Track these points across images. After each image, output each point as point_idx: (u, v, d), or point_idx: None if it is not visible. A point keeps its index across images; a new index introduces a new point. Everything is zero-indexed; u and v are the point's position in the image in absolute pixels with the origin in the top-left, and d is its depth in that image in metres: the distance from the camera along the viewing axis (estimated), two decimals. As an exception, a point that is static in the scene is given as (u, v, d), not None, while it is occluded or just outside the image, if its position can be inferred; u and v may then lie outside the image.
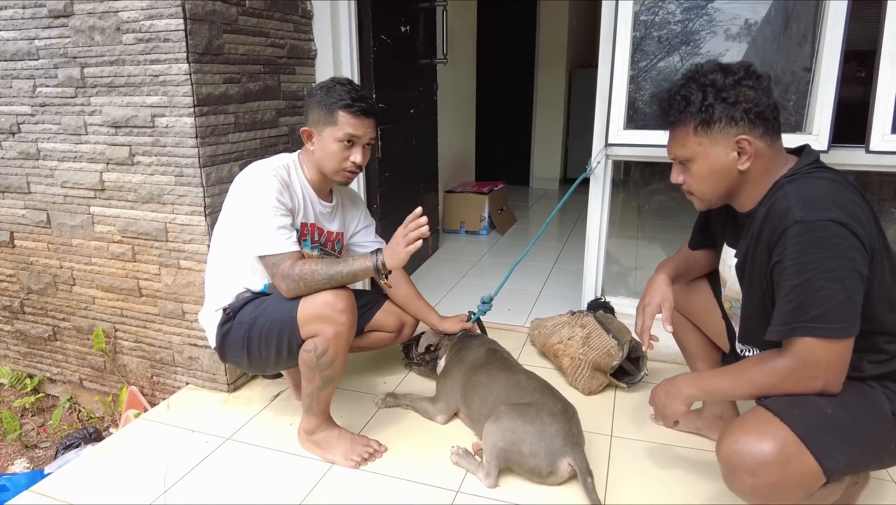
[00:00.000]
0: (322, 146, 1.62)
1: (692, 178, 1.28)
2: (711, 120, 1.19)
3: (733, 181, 1.25)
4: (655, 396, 1.40)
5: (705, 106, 1.19)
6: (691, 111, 1.21)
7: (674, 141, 1.28)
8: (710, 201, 1.31)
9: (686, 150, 1.25)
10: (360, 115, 1.59)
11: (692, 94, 1.20)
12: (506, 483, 1.56)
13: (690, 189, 1.31)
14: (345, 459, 1.64)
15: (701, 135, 1.22)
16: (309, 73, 2.29)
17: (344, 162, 1.63)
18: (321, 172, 1.68)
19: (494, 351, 1.85)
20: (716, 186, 1.26)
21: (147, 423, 1.87)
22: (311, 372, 1.58)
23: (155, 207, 1.90)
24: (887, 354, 1.19)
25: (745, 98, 1.17)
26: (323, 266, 1.51)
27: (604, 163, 2.21)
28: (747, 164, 1.21)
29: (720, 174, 1.24)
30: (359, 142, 1.62)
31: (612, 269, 2.52)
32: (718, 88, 1.18)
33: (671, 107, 1.24)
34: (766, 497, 1.12)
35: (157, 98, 1.78)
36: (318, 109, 1.61)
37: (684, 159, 1.27)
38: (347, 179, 1.69)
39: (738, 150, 1.21)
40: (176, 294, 1.96)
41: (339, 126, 1.59)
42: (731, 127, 1.19)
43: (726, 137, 1.20)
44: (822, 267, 1.08)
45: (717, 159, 1.22)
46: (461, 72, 4.35)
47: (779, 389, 1.16)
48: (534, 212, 4.93)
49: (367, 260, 1.52)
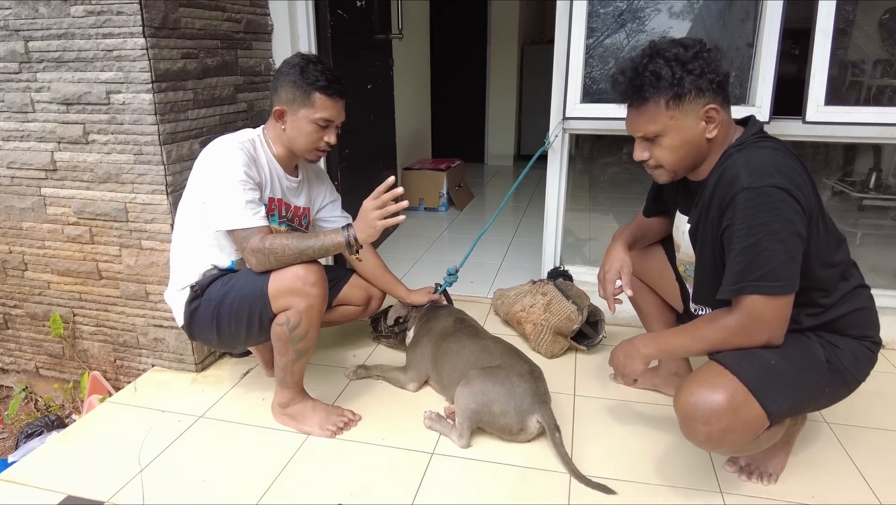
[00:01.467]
0: (296, 126, 1.62)
1: (663, 152, 1.31)
2: (683, 93, 1.23)
3: (701, 150, 1.31)
4: (615, 356, 1.49)
5: (676, 80, 1.23)
6: (663, 86, 1.24)
7: (642, 117, 1.29)
8: (677, 172, 1.36)
9: (657, 124, 1.28)
10: (335, 98, 1.61)
11: (661, 70, 1.23)
12: (478, 443, 1.64)
13: (660, 162, 1.33)
14: (320, 430, 1.68)
15: (673, 108, 1.25)
16: (266, 48, 2.26)
17: (318, 142, 1.64)
18: (290, 150, 1.68)
19: (462, 320, 1.91)
20: (686, 157, 1.31)
21: (115, 406, 1.85)
22: (284, 345, 1.60)
23: (113, 187, 1.85)
24: (822, 308, 1.32)
25: (709, 69, 1.23)
26: (293, 240, 1.53)
27: (561, 136, 2.28)
28: (715, 132, 1.27)
29: (691, 144, 1.29)
30: (332, 123, 1.64)
31: (567, 239, 2.62)
32: (683, 62, 1.23)
33: (643, 84, 1.26)
34: (718, 443, 1.23)
35: (111, 74, 1.73)
36: (291, 89, 1.59)
37: (654, 134, 1.29)
38: (318, 158, 1.71)
39: (706, 119, 1.27)
40: (138, 275, 1.93)
41: (316, 108, 1.59)
42: (699, 98, 1.24)
43: (696, 108, 1.25)
44: (767, 230, 1.18)
45: (689, 130, 1.27)
46: (415, 48, 4.34)
47: (729, 343, 1.27)
48: (490, 188, 5.01)
49: (338, 235, 1.54)
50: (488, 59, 5.68)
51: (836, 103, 1.93)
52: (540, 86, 5.78)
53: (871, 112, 1.94)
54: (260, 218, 1.56)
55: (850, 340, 1.33)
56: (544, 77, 5.95)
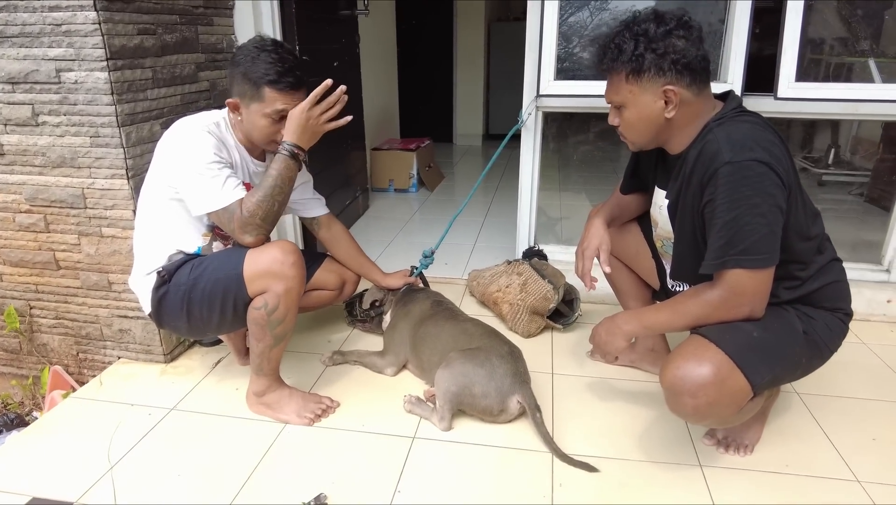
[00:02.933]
0: (250, 120, 1.54)
1: (625, 123, 1.36)
2: (641, 69, 1.25)
3: (661, 128, 1.33)
4: (596, 334, 1.49)
5: (636, 56, 1.25)
6: (623, 60, 1.26)
7: (609, 86, 1.35)
8: (640, 144, 1.40)
9: (619, 96, 1.32)
10: (287, 91, 1.49)
11: (625, 43, 1.26)
12: (459, 425, 1.63)
13: (623, 133, 1.39)
14: (298, 418, 1.64)
15: (632, 83, 1.28)
16: (227, 24, 2.16)
17: (274, 135, 1.55)
18: (252, 142, 1.61)
19: (440, 302, 1.89)
20: (644, 131, 1.35)
21: (79, 401, 1.77)
22: (261, 330, 1.55)
23: (69, 172, 1.75)
24: (799, 281, 1.33)
25: (674, 49, 1.23)
26: (259, 192, 1.48)
27: (534, 114, 2.25)
28: (673, 113, 1.29)
29: (648, 121, 1.32)
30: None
31: (539, 219, 2.61)
32: (650, 39, 1.24)
33: (605, 55, 1.30)
34: (704, 415, 1.24)
35: (61, 50, 1.62)
36: (242, 82, 1.50)
37: (618, 104, 1.34)
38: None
39: (664, 100, 1.28)
40: (100, 264, 1.84)
41: (267, 103, 1.49)
42: (659, 77, 1.26)
43: (654, 86, 1.27)
44: (749, 203, 1.18)
45: (646, 107, 1.30)
46: (381, 24, 4.23)
47: (712, 318, 1.28)
48: (460, 168, 4.97)
49: (280, 158, 1.49)
50: (455, 36, 5.59)
51: (805, 79, 1.96)
52: (507, 64, 5.73)
53: (841, 88, 1.97)
54: (240, 190, 1.49)
55: (825, 311, 1.36)
56: (511, 55, 5.90)
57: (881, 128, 3.66)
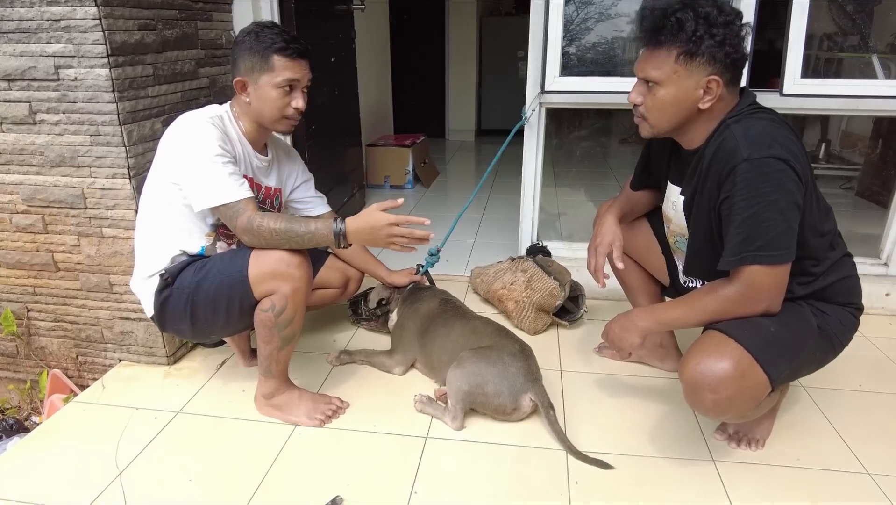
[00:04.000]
0: (260, 95, 1.51)
1: (653, 103, 1.29)
2: (696, 52, 1.21)
3: (690, 116, 1.30)
4: (610, 330, 1.48)
5: (696, 37, 1.20)
6: (681, 38, 1.21)
7: (650, 60, 1.27)
8: (659, 130, 1.35)
9: (660, 72, 1.26)
10: (296, 58, 1.50)
11: (687, 21, 1.21)
12: (471, 424, 1.62)
13: (646, 114, 1.32)
14: (308, 419, 1.62)
15: (681, 63, 1.23)
16: (227, 19, 2.12)
17: (285, 109, 1.53)
18: (259, 123, 1.57)
19: (448, 301, 1.88)
20: (672, 117, 1.30)
21: (82, 405, 1.73)
22: (269, 332, 1.52)
23: (68, 171, 1.70)
24: (812, 276, 1.34)
25: (730, 42, 1.21)
26: (281, 224, 1.44)
27: (538, 111, 2.24)
28: (708, 105, 1.26)
29: (681, 106, 1.28)
30: (298, 85, 1.53)
31: (539, 215, 2.60)
32: (711, 24, 1.20)
33: (663, 26, 1.23)
34: (724, 411, 1.24)
35: (60, 46, 1.58)
36: (249, 57, 1.49)
37: (654, 81, 1.28)
38: (290, 127, 1.59)
39: (705, 89, 1.25)
40: (101, 266, 1.80)
41: (277, 71, 1.49)
42: (708, 65, 1.23)
43: (701, 73, 1.23)
44: (767, 200, 1.18)
45: (686, 92, 1.26)
46: (375, 19, 4.19)
47: (729, 313, 1.28)
48: (453, 164, 4.95)
49: (327, 228, 1.45)
50: (447, 31, 5.56)
51: (811, 76, 1.96)
52: (499, 59, 5.72)
53: (846, 84, 1.98)
54: (246, 189, 1.47)
55: (837, 306, 1.37)
56: (503, 50, 5.87)
57: (872, 122, 3.70)
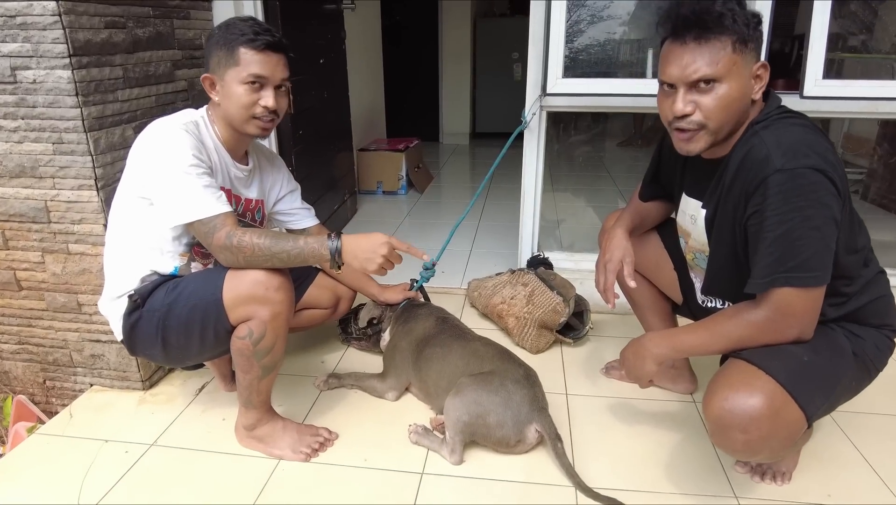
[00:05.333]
0: (226, 92, 1.37)
1: (716, 103, 1.11)
2: (749, 38, 1.10)
3: (744, 114, 1.16)
4: (625, 358, 1.36)
5: (752, 23, 1.10)
6: (737, 26, 1.09)
7: (702, 56, 1.10)
8: (718, 135, 1.16)
9: (720, 67, 1.09)
10: (265, 50, 1.34)
11: (735, 9, 1.09)
12: (471, 457, 1.49)
13: (706, 120, 1.13)
14: (293, 453, 1.49)
15: (739, 52, 1.10)
16: (206, 17, 1.98)
17: (253, 107, 1.37)
18: (232, 127, 1.43)
19: (444, 319, 1.74)
20: (733, 116, 1.15)
21: (46, 437, 1.58)
22: (247, 361, 1.39)
23: (29, 182, 1.56)
24: (845, 297, 1.22)
25: (758, 28, 1.12)
26: (267, 241, 1.31)
27: (539, 114, 2.11)
28: (759, 94, 1.15)
29: (742, 101, 1.14)
30: (268, 83, 1.37)
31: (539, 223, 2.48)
32: (748, 14, 1.11)
33: (715, 16, 1.08)
34: (756, 452, 1.12)
35: (16, 45, 1.44)
36: (217, 51, 1.35)
37: (712, 78, 1.10)
38: (262, 130, 1.42)
39: (756, 77, 1.14)
40: (68, 284, 1.66)
41: (243, 65, 1.34)
42: (756, 52, 1.12)
43: (753, 61, 1.13)
44: (802, 215, 1.06)
45: (746, 84, 1.13)
46: (366, 20, 4.06)
47: (755, 341, 1.15)
48: (447, 168, 4.82)
49: (321, 244, 1.33)
50: (440, 32, 5.43)
51: (831, 77, 1.84)
52: (494, 61, 5.60)
53: (871, 85, 1.86)
54: (222, 203, 1.33)
55: (871, 329, 1.25)
56: (498, 51, 5.74)
57: (878, 125, 3.60)
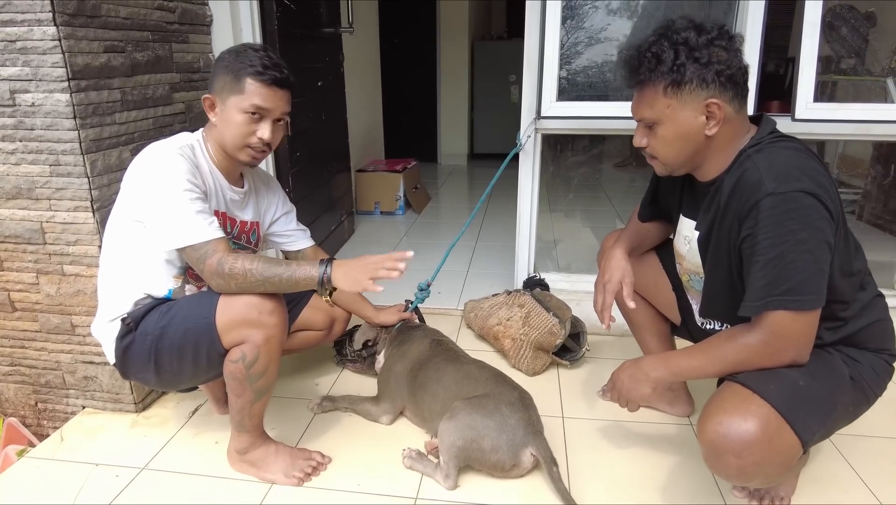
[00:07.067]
0: (225, 117, 1.38)
1: (657, 142, 1.21)
2: (682, 81, 1.13)
3: (699, 146, 1.20)
4: (618, 380, 1.35)
5: (677, 65, 1.12)
6: (662, 70, 1.13)
7: (641, 101, 1.20)
8: (673, 167, 1.25)
9: (654, 111, 1.18)
10: (271, 85, 1.36)
11: (664, 53, 1.13)
12: (466, 482, 1.47)
13: (654, 153, 1.24)
14: (286, 477, 1.47)
15: (670, 96, 1.15)
16: (205, 41, 2.00)
17: (249, 137, 1.38)
18: (224, 151, 1.44)
19: (439, 342, 1.73)
20: (681, 151, 1.21)
21: (36, 461, 1.56)
22: (240, 385, 1.38)
23: (25, 204, 1.57)
24: (842, 321, 1.21)
25: (718, 59, 1.12)
26: (259, 266, 1.30)
27: (533, 137, 2.13)
28: (715, 130, 1.16)
29: (687, 138, 1.18)
30: (268, 116, 1.38)
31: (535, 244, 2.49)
32: (691, 48, 1.11)
33: (641, 64, 1.16)
34: (750, 477, 1.10)
35: (16, 69, 1.45)
36: (223, 75, 1.36)
37: (651, 121, 1.20)
38: (253, 159, 1.43)
39: (706, 115, 1.15)
40: (62, 305, 1.65)
41: (246, 95, 1.35)
42: (701, 89, 1.13)
43: (696, 100, 1.14)
44: (795, 239, 1.06)
45: (686, 123, 1.16)
46: (364, 43, 4.11)
47: (751, 364, 1.15)
48: (445, 189, 4.84)
49: (312, 269, 1.32)
50: (438, 54, 5.50)
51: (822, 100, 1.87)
52: (491, 83, 5.66)
53: (860, 109, 1.88)
54: (215, 229, 1.33)
55: (869, 353, 1.24)
56: (495, 74, 5.81)
57: (872, 146, 3.63)
